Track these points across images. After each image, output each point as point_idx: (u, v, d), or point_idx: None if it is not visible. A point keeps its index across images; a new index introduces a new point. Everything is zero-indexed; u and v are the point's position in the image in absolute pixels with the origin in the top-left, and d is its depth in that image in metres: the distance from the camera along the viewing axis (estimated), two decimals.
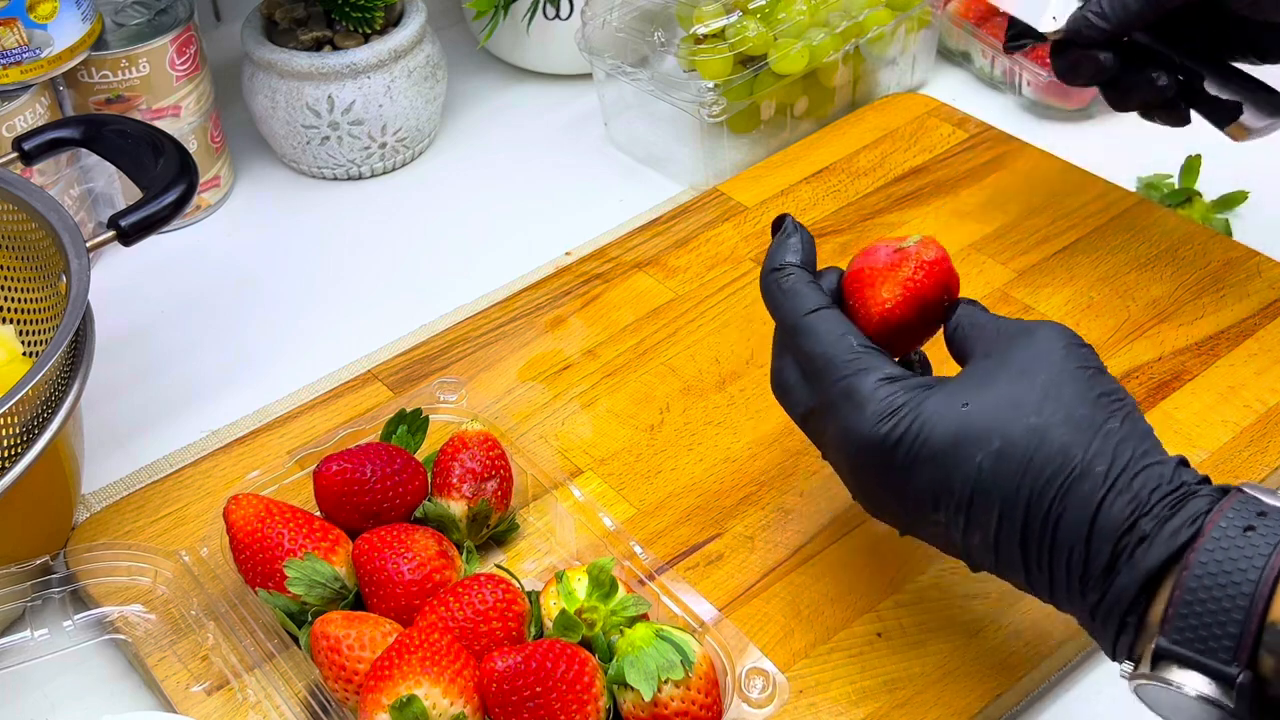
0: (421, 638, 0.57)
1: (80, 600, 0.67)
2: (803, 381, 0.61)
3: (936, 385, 0.56)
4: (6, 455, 0.63)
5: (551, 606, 0.61)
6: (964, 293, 0.81)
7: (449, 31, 1.10)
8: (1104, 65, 0.73)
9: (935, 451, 0.55)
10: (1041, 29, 0.74)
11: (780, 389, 0.62)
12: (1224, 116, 0.73)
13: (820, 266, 0.63)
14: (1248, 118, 0.72)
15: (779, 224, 0.64)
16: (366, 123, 0.94)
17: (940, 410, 0.55)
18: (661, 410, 0.76)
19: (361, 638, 0.59)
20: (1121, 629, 0.52)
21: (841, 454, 0.59)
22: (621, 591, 0.61)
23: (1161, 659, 0.50)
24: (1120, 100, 0.76)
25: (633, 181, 0.96)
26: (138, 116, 0.88)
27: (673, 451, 0.74)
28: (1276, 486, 0.71)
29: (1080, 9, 0.72)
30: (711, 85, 0.90)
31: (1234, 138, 0.74)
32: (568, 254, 0.89)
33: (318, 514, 0.66)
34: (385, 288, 0.89)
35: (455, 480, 0.66)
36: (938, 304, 0.61)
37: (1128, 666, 0.52)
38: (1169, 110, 0.76)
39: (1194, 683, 0.49)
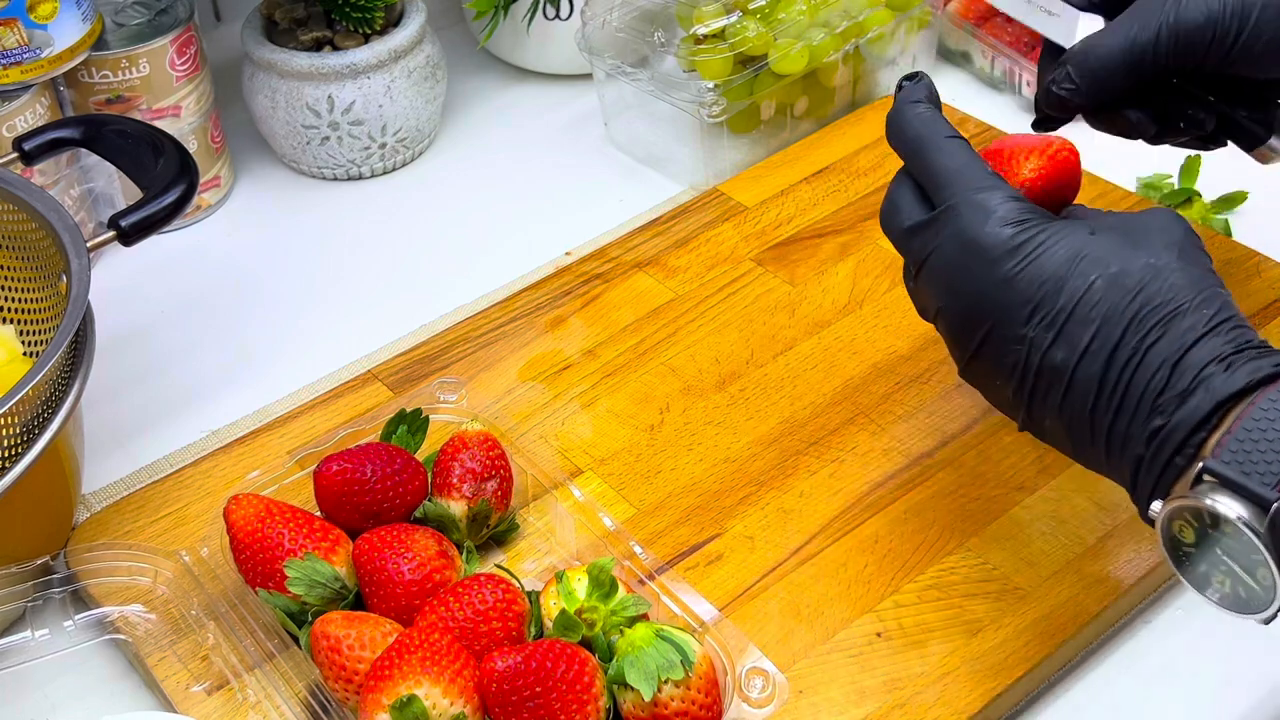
0: (421, 638, 0.57)
1: (81, 600, 0.67)
2: (920, 199, 0.62)
3: (1063, 219, 0.59)
4: (7, 455, 0.63)
5: (551, 606, 0.61)
6: None
7: (449, 32, 1.10)
8: (1136, 123, 0.72)
9: (1053, 261, 0.57)
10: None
11: (890, 207, 0.63)
12: (1250, 141, 0.73)
13: (819, 266, 0.64)
14: (1275, 141, 0.72)
15: (913, 76, 0.67)
16: (366, 123, 0.94)
17: (1066, 230, 0.58)
18: (661, 410, 0.76)
19: (362, 638, 0.59)
20: (1171, 461, 0.54)
21: (950, 254, 0.59)
22: (621, 591, 0.61)
23: (1202, 481, 0.52)
24: (1159, 140, 0.75)
25: (633, 181, 0.96)
26: (138, 116, 0.88)
27: (673, 451, 0.74)
28: None
29: (1047, 80, 0.70)
30: (711, 85, 0.90)
31: (1261, 160, 0.73)
32: (568, 254, 0.89)
33: (318, 514, 0.66)
34: (385, 288, 0.89)
35: (455, 480, 0.66)
36: (1067, 193, 0.63)
37: (1158, 506, 0.53)
38: (1206, 141, 0.75)
39: (1229, 505, 0.51)
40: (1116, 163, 0.94)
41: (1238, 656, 0.64)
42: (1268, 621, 0.53)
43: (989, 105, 1.01)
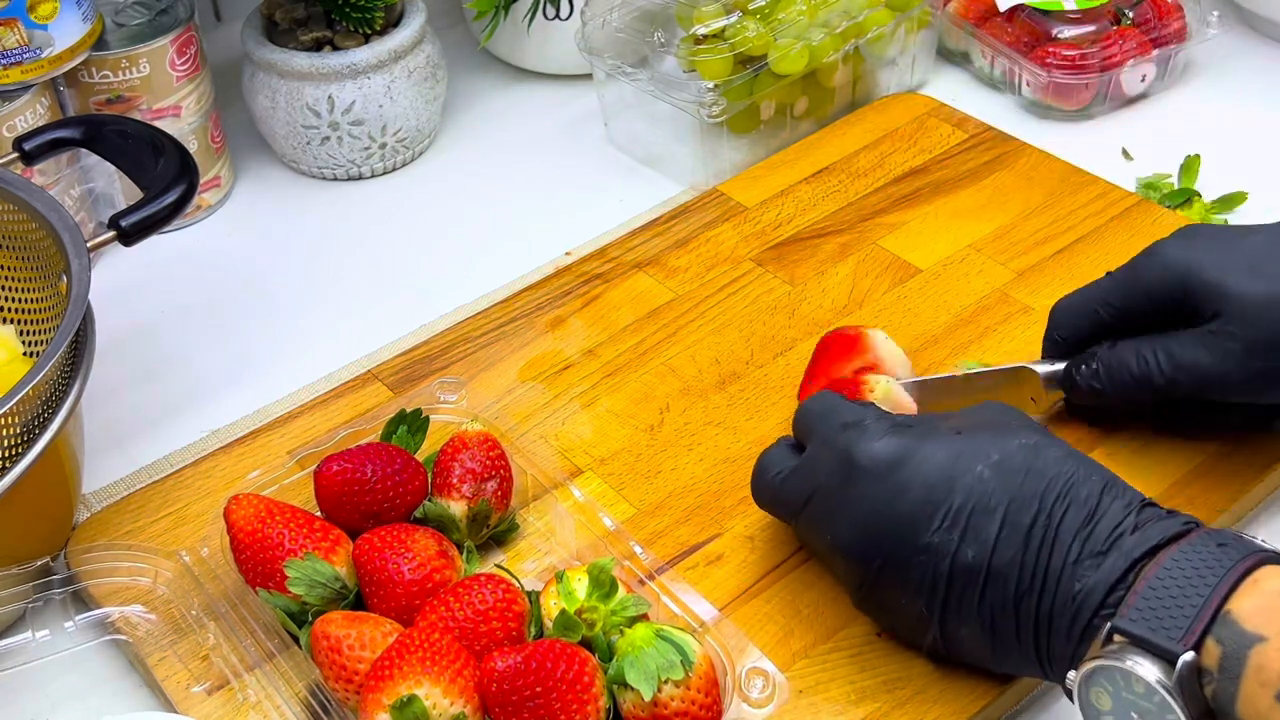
0: (422, 638, 0.57)
1: (81, 601, 0.67)
2: (787, 454, 0.65)
3: (922, 422, 0.61)
4: (7, 455, 0.63)
5: (551, 606, 0.61)
6: (963, 294, 0.82)
7: (449, 32, 1.10)
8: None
9: (936, 463, 0.58)
10: None
11: (759, 469, 0.66)
12: None
13: (819, 266, 0.64)
14: None
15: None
16: (367, 123, 0.94)
17: (937, 433, 0.60)
18: (661, 410, 0.76)
19: (362, 637, 0.59)
20: (1089, 624, 0.54)
21: (834, 484, 0.60)
22: (621, 591, 0.61)
23: (1112, 640, 0.52)
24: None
25: (633, 181, 0.96)
26: (138, 117, 0.88)
27: (673, 451, 0.74)
28: (1272, 491, 0.71)
29: (1078, 372, 0.69)
30: (711, 85, 0.90)
31: None
32: (568, 254, 0.89)
33: (318, 514, 0.66)
34: (385, 288, 0.89)
35: (455, 480, 0.66)
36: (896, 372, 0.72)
37: (1073, 675, 0.54)
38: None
39: (1140, 663, 0.51)
40: (1117, 163, 0.95)
41: None
42: None
43: (989, 105, 1.01)
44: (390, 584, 0.62)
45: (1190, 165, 0.92)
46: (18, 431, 0.63)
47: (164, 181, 0.72)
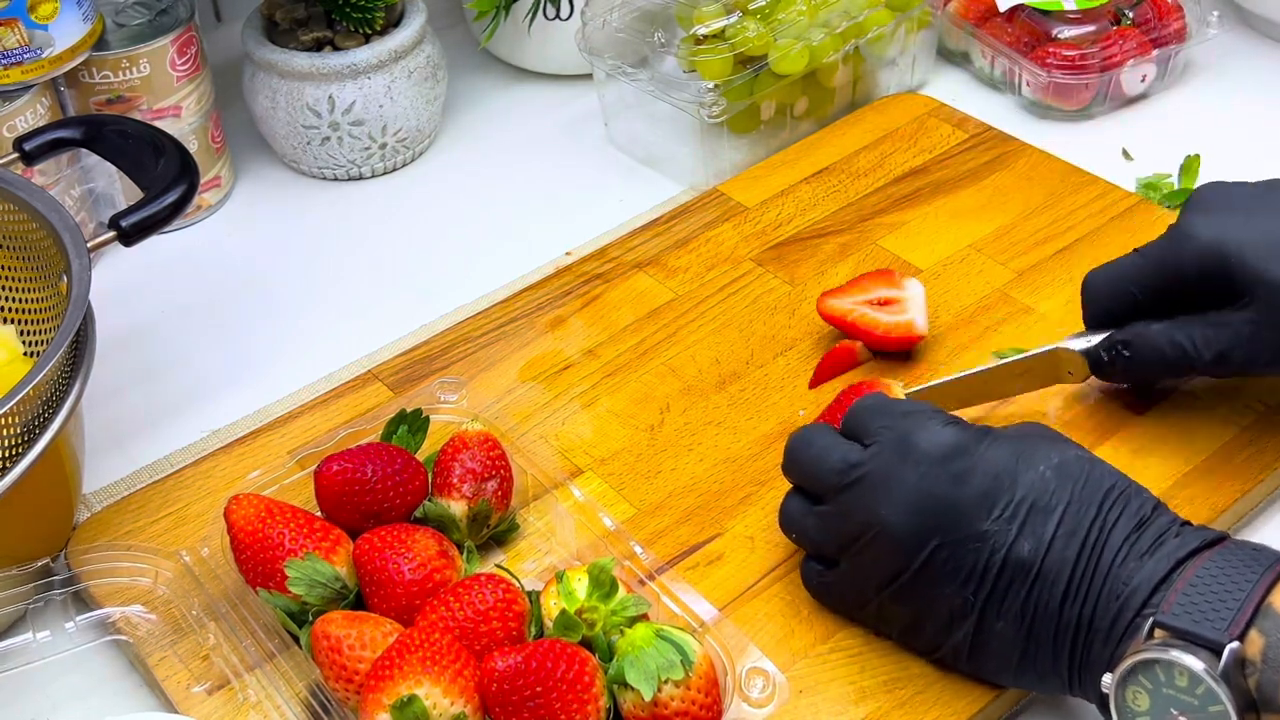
0: (422, 637, 0.57)
1: (81, 601, 0.67)
2: (840, 442, 0.62)
3: (977, 425, 0.62)
4: (7, 455, 0.63)
5: (551, 606, 0.61)
6: (963, 294, 0.82)
7: (449, 32, 1.10)
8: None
9: (1000, 457, 0.59)
10: None
11: (819, 451, 0.63)
12: None
13: (819, 266, 0.64)
14: None
15: None
16: (367, 123, 0.94)
17: (996, 433, 0.60)
18: (661, 410, 0.76)
19: (362, 637, 0.59)
20: (1131, 624, 0.54)
21: (892, 466, 0.59)
22: (621, 591, 0.61)
23: (1153, 636, 0.53)
24: None
25: (633, 181, 0.96)
26: (138, 117, 0.88)
27: (673, 451, 0.74)
28: (1272, 491, 0.71)
29: (1109, 354, 0.70)
30: (711, 85, 0.90)
31: None
32: (568, 254, 0.89)
33: (318, 514, 0.66)
34: (385, 288, 0.89)
35: (455, 480, 0.66)
36: None
37: (1109, 678, 0.54)
38: None
39: (1184, 656, 0.51)
40: (1117, 163, 0.95)
41: None
42: None
43: (989, 105, 1.01)
44: (390, 584, 0.62)
45: (1190, 165, 0.92)
46: (18, 431, 0.63)
47: (164, 181, 0.72)
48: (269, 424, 0.76)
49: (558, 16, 1.02)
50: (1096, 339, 0.71)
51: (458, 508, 0.66)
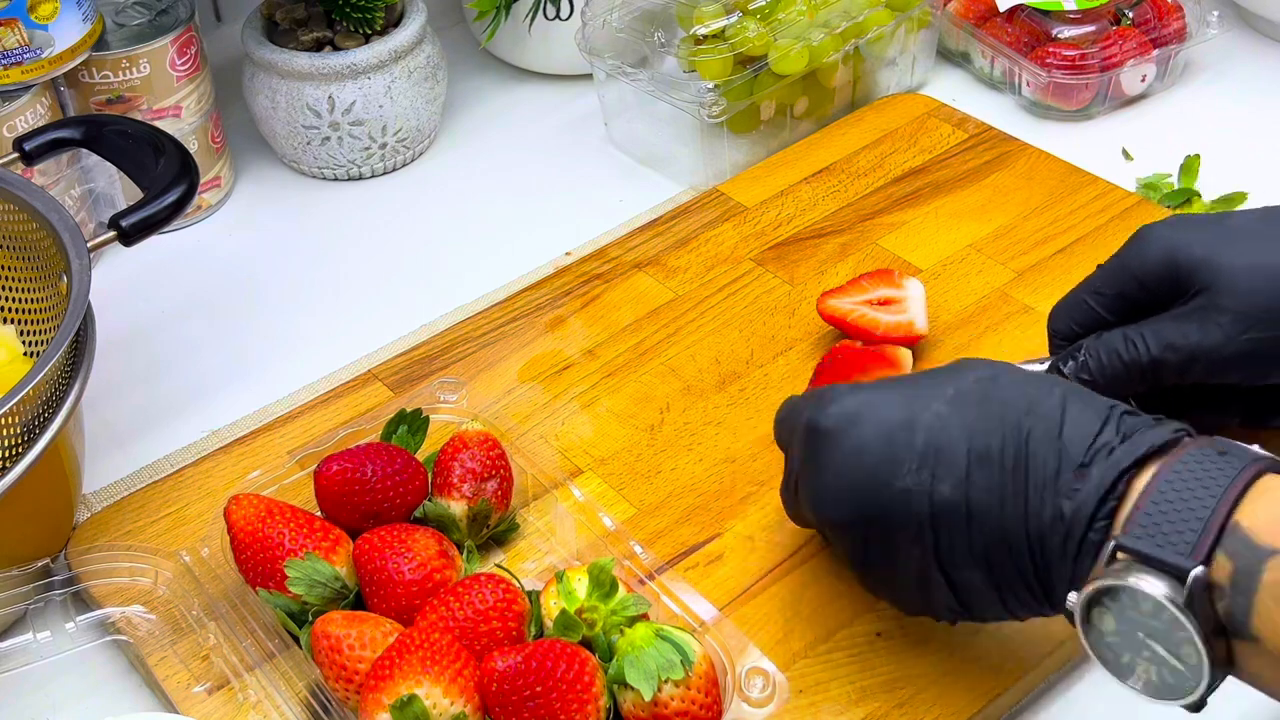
0: (422, 637, 0.57)
1: (82, 601, 0.67)
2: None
3: (883, 379, 0.62)
4: (7, 455, 0.63)
5: (551, 606, 0.61)
6: (963, 294, 0.82)
7: (449, 32, 1.10)
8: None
9: (893, 411, 0.57)
10: None
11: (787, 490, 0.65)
12: None
13: (819, 266, 0.64)
14: None
15: None
16: (367, 123, 0.94)
17: (893, 382, 0.60)
18: (661, 410, 0.76)
19: (362, 637, 0.59)
20: (1084, 540, 0.52)
21: (811, 454, 0.60)
22: (621, 591, 0.61)
23: (1116, 559, 0.51)
24: None
25: (633, 181, 0.96)
26: (138, 117, 0.88)
27: (673, 451, 0.74)
28: None
29: (1065, 365, 0.68)
30: (711, 85, 0.90)
31: None
32: (568, 254, 0.89)
33: (318, 514, 0.66)
34: (385, 288, 0.89)
35: (455, 480, 0.66)
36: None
37: (1074, 597, 0.52)
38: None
39: (1147, 581, 0.49)
40: (1117, 163, 0.95)
41: None
42: (1196, 708, 0.51)
43: (989, 105, 1.01)
44: (390, 584, 0.62)
45: (1190, 165, 0.92)
46: (18, 431, 0.63)
47: (164, 181, 0.72)
48: (269, 424, 0.76)
49: (558, 16, 1.02)
50: (1052, 360, 0.69)
51: (458, 508, 0.66)
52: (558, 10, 1.01)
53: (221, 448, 0.75)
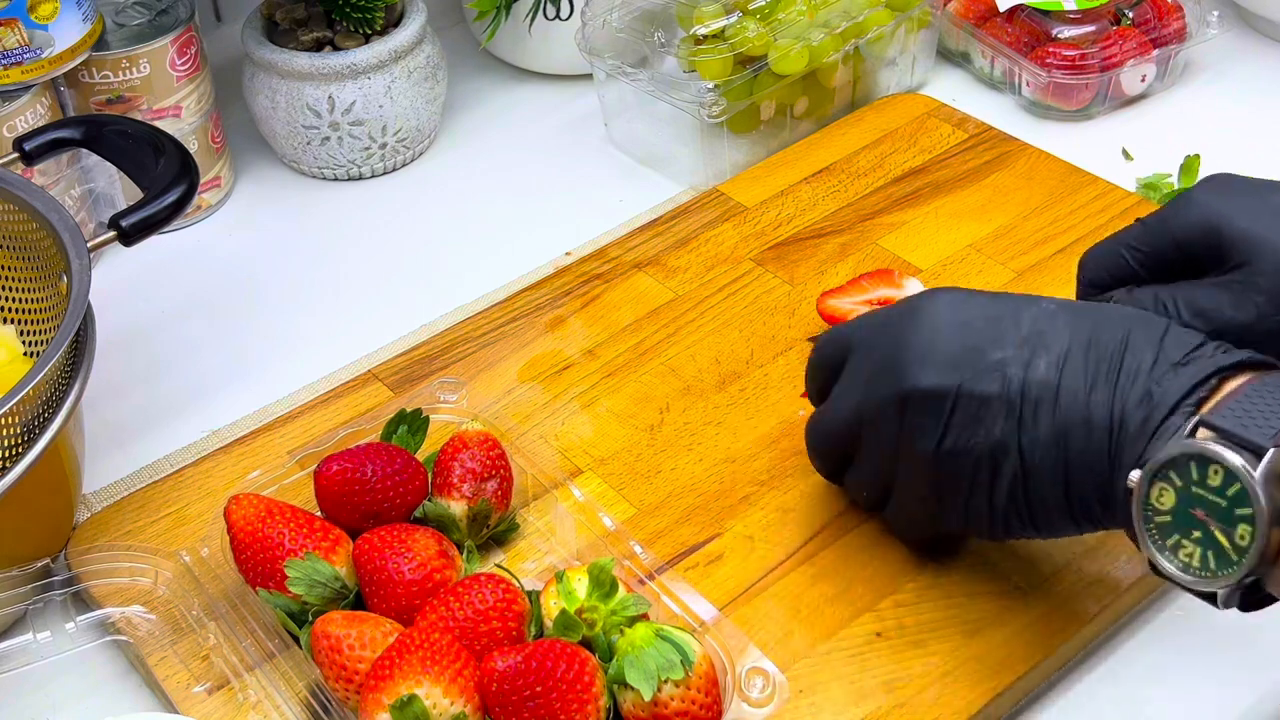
0: (422, 637, 0.57)
1: (82, 601, 0.67)
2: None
3: None
4: (7, 455, 0.63)
5: (551, 606, 0.61)
6: None
7: (449, 32, 1.10)
8: None
9: (999, 301, 0.60)
10: None
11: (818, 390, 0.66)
12: None
13: (819, 266, 0.64)
14: None
15: None
16: (367, 123, 0.94)
17: (995, 295, 0.61)
18: (661, 410, 0.76)
19: (362, 637, 0.59)
20: (1163, 422, 0.54)
21: (907, 323, 0.61)
22: (621, 591, 0.61)
23: (1195, 435, 0.52)
24: None
25: (633, 181, 0.96)
26: (138, 117, 0.88)
27: (673, 451, 0.74)
28: None
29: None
30: (711, 85, 0.90)
31: None
32: (568, 254, 0.89)
33: (318, 514, 0.66)
34: (385, 288, 0.89)
35: (455, 480, 0.66)
36: None
37: (1136, 474, 0.53)
38: None
39: (1225, 453, 0.51)
40: (1117, 163, 0.95)
41: (1236, 657, 0.64)
42: (1216, 598, 0.52)
43: (989, 105, 1.01)
44: (390, 584, 0.62)
45: (1190, 165, 0.92)
46: (18, 431, 0.63)
47: (164, 181, 0.72)
48: (269, 424, 0.76)
49: (558, 16, 1.02)
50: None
51: (458, 508, 0.66)
52: (558, 10, 1.01)
53: (221, 448, 0.75)
